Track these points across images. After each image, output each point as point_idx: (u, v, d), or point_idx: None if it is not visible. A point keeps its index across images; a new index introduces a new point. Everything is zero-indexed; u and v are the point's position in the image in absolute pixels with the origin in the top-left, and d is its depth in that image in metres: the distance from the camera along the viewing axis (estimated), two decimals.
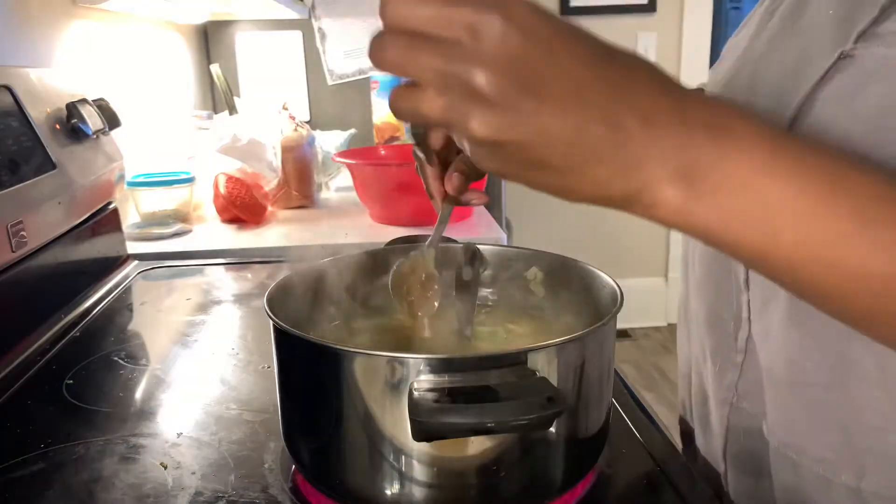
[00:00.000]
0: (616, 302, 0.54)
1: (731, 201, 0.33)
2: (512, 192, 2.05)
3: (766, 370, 0.51)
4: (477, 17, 0.31)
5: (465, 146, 0.35)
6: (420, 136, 0.50)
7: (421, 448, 0.45)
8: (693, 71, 3.07)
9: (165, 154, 1.48)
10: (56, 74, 1.04)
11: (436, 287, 0.55)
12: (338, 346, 0.48)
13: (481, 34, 0.31)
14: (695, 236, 0.36)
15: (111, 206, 1.14)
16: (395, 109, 0.35)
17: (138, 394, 0.71)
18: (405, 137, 1.84)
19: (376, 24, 0.34)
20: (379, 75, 1.85)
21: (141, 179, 1.37)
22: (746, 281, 0.51)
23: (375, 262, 0.66)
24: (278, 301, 0.56)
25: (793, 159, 0.34)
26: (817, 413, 0.47)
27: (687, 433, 0.68)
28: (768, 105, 0.48)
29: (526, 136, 0.32)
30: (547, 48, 0.31)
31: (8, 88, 0.88)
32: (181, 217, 1.39)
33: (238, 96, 1.92)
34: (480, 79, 0.31)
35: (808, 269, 0.34)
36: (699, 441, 0.64)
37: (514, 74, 0.31)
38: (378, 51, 0.34)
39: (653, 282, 3.30)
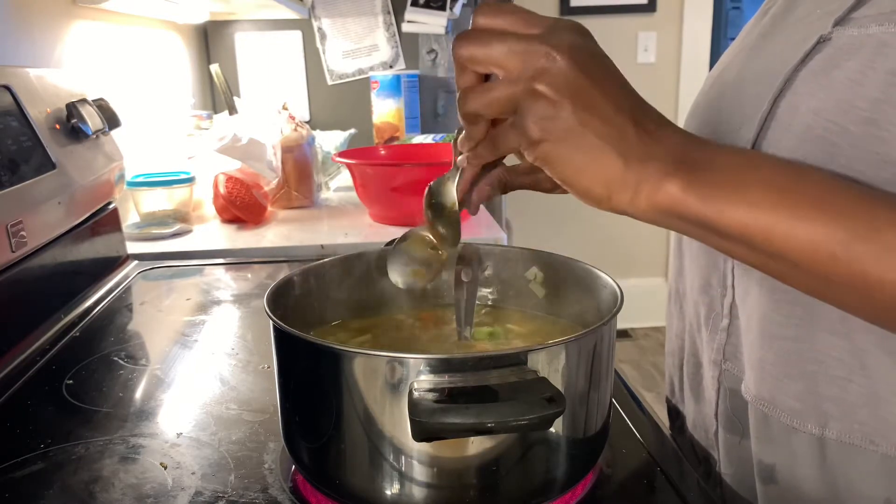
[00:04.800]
0: (616, 302, 0.54)
1: (721, 184, 0.41)
2: (512, 192, 2.05)
3: (745, 330, 0.55)
4: (556, 30, 0.42)
5: (522, 120, 0.42)
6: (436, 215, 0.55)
7: (421, 448, 0.45)
8: (693, 71, 3.08)
9: (165, 154, 1.48)
10: (56, 74, 1.04)
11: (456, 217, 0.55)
12: (338, 346, 0.48)
13: (555, 30, 0.42)
14: (686, 222, 0.42)
15: (111, 206, 1.14)
16: (469, 102, 0.44)
17: (138, 394, 0.71)
18: (403, 138, 1.84)
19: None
20: (379, 75, 1.85)
21: (141, 179, 1.37)
22: None
23: (375, 262, 0.66)
24: (278, 301, 0.56)
25: (764, 161, 0.44)
26: (786, 365, 0.51)
27: (673, 410, 0.71)
28: (754, 87, 0.51)
29: (570, 103, 0.41)
30: (593, 73, 0.41)
31: (8, 88, 0.88)
32: (181, 217, 1.39)
33: (238, 96, 1.92)
34: (556, 63, 0.40)
35: (779, 243, 0.40)
36: (689, 409, 0.66)
37: (572, 82, 0.41)
38: (467, 40, 0.43)
39: (653, 282, 3.31)
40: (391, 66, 2.00)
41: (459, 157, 0.50)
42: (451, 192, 0.53)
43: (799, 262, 0.41)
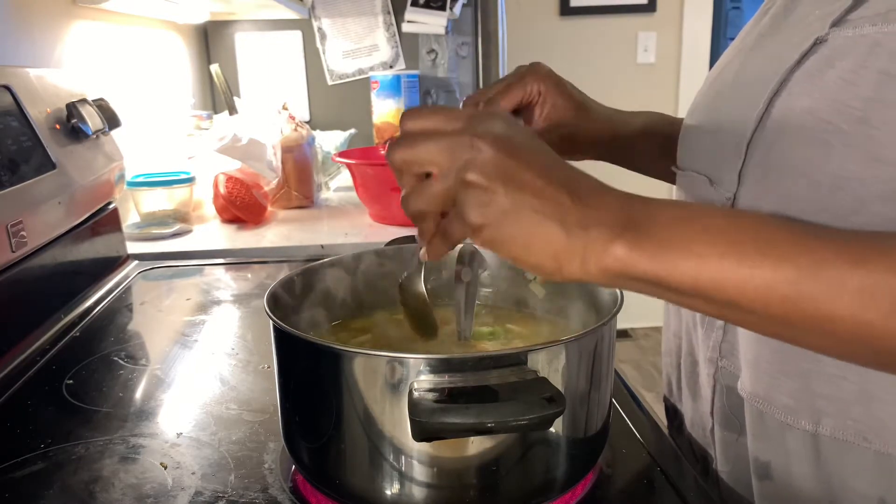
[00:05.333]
0: (616, 302, 0.54)
1: (666, 240, 0.41)
2: None
3: (741, 328, 0.55)
4: (477, 121, 0.43)
5: (461, 211, 0.43)
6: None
7: (421, 448, 0.45)
8: (693, 71, 3.07)
9: (165, 154, 1.48)
10: (56, 74, 1.04)
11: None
12: (338, 346, 0.48)
13: (476, 121, 0.43)
14: (638, 282, 0.42)
15: (111, 206, 1.14)
16: (410, 203, 0.45)
17: (138, 394, 0.72)
18: None
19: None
20: (379, 75, 1.85)
21: (141, 179, 1.37)
22: None
23: (375, 262, 0.66)
24: (278, 301, 0.56)
25: (704, 212, 0.44)
26: (781, 363, 0.51)
27: (671, 409, 0.71)
28: (751, 88, 0.52)
29: (504, 191, 0.41)
30: (518, 154, 0.42)
31: (8, 88, 0.88)
32: (181, 217, 1.39)
33: (238, 96, 1.92)
34: (481, 152, 0.42)
35: (731, 291, 0.40)
36: (687, 408, 0.66)
37: (499, 167, 0.42)
38: (398, 146, 0.44)
39: None
40: (391, 66, 2.00)
41: (421, 252, 0.50)
42: (420, 286, 0.55)
43: (755, 309, 0.40)
